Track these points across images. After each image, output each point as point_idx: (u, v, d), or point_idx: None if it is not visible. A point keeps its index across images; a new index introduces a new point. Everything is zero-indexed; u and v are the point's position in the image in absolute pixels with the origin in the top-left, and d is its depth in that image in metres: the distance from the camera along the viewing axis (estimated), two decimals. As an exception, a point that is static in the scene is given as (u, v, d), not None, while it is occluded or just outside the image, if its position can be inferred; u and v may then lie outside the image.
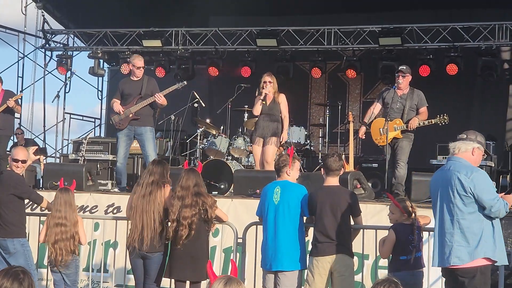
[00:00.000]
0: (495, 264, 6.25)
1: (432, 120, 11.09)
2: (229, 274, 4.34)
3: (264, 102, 11.43)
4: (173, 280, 8.23)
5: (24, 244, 8.59)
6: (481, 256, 6.10)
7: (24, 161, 8.76)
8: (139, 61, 11.89)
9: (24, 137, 16.67)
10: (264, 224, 7.81)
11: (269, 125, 11.51)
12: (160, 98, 11.58)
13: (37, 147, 9.97)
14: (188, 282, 7.90)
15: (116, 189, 11.81)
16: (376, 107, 11.48)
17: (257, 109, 11.55)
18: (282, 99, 11.63)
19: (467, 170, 6.21)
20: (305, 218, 7.78)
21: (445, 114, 11.06)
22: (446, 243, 6.18)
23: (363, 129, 11.45)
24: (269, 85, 11.48)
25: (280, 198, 7.67)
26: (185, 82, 12.18)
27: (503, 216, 6.41)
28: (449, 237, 6.18)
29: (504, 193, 6.43)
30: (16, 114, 13.50)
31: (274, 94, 11.55)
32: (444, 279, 6.61)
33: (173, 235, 7.85)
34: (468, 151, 6.36)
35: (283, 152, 12.08)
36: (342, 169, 7.79)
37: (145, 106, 11.60)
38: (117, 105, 11.61)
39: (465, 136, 6.43)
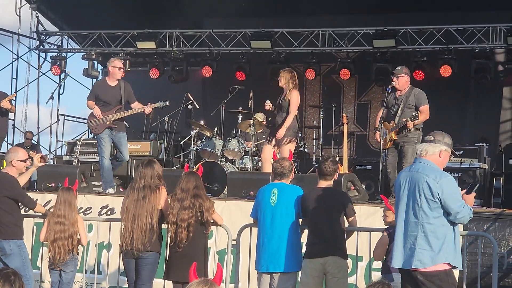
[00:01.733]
0: (454, 269, 6.26)
1: (409, 122, 10.78)
2: (212, 277, 4.34)
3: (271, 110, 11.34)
4: (167, 282, 8.24)
5: (20, 245, 8.57)
6: (443, 261, 6.10)
7: (23, 161, 8.75)
8: (119, 62, 11.91)
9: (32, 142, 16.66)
10: (260, 226, 7.81)
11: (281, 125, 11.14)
12: (150, 111, 12.00)
13: (41, 154, 9.97)
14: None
15: (110, 190, 11.78)
16: (382, 112, 11.38)
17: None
18: (292, 95, 11.08)
19: (436, 174, 6.19)
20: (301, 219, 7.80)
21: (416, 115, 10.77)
22: (409, 246, 6.16)
23: (377, 134, 11.26)
24: (281, 81, 11.09)
25: (277, 200, 7.69)
26: (167, 103, 12.16)
27: (467, 222, 6.43)
28: (412, 239, 6.15)
29: (464, 192, 6.41)
30: (10, 115, 13.51)
31: (287, 91, 11.11)
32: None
33: (174, 239, 7.85)
34: (435, 153, 6.33)
35: (277, 155, 12.01)
36: (336, 173, 7.81)
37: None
38: (98, 110, 11.54)
39: (432, 138, 6.39)
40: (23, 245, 8.62)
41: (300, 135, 14.36)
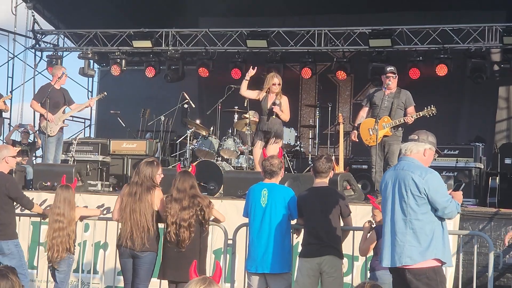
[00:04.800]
0: (443, 265, 6.28)
1: (420, 112, 11.00)
2: (212, 275, 4.33)
3: (247, 80, 11.35)
4: (163, 281, 8.23)
5: (17, 245, 8.59)
6: (432, 257, 6.12)
7: (14, 157, 8.77)
8: (64, 68, 12.95)
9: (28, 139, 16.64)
10: (250, 226, 7.80)
11: (272, 127, 11.24)
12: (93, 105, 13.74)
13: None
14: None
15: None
16: (364, 111, 11.45)
17: (243, 87, 11.41)
18: (283, 101, 11.35)
19: (421, 171, 6.23)
20: (295, 220, 7.79)
21: (432, 106, 10.97)
22: (398, 243, 6.18)
23: (354, 133, 11.36)
24: (278, 87, 11.28)
25: (267, 201, 7.66)
26: (105, 93, 13.60)
27: (455, 217, 6.44)
28: (400, 237, 6.17)
29: (451, 189, 6.44)
30: (4, 114, 13.53)
31: (276, 95, 11.31)
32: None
33: (175, 239, 7.82)
34: (420, 152, 6.37)
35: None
36: (331, 171, 7.81)
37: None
38: (50, 115, 12.36)
39: (417, 137, 6.43)
40: (19, 244, 8.64)
41: (296, 134, 14.43)
